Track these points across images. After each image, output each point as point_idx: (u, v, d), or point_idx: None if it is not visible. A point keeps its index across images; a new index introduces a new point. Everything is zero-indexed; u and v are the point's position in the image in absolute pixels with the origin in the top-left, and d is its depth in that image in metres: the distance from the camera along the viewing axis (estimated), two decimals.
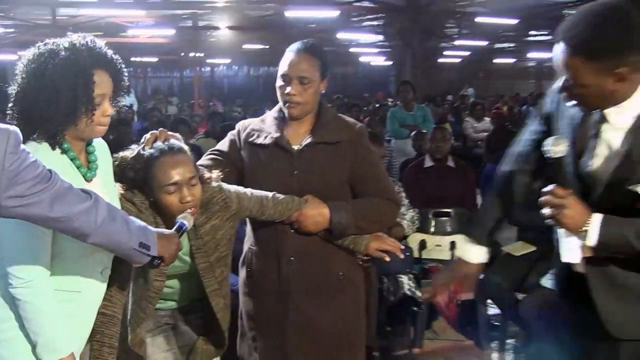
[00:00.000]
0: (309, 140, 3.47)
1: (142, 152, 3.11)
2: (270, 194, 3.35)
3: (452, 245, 6.25)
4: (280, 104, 3.50)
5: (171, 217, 3.04)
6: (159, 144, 3.11)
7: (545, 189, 2.62)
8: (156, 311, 3.33)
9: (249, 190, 3.38)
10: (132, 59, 31.30)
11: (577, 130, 2.71)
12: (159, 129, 3.24)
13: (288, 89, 3.39)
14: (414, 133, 9.75)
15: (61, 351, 2.70)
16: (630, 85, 2.50)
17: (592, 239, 2.55)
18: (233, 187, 3.34)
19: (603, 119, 2.61)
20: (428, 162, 7.29)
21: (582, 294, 2.72)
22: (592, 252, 2.61)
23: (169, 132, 3.25)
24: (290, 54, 3.46)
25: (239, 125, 3.69)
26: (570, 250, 2.71)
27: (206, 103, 24.38)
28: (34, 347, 2.69)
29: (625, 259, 2.60)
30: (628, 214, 2.53)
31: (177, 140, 3.19)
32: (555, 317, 3.63)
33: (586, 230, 2.55)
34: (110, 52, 2.81)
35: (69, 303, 2.78)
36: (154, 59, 33.08)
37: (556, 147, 2.59)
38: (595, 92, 2.52)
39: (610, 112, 2.57)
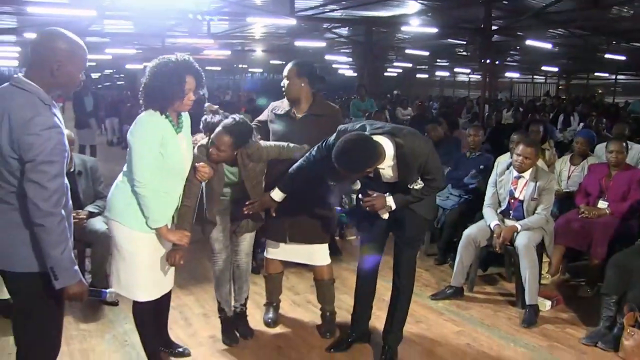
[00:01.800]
0: (305, 113, 3.52)
1: (209, 120, 3.22)
2: (285, 143, 3.40)
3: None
4: None
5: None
6: (218, 118, 3.20)
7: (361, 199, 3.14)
8: (220, 199, 3.36)
9: (273, 143, 3.43)
10: (206, 67, 31.24)
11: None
12: (212, 107, 3.29)
13: (282, 82, 3.56)
14: (367, 114, 9.79)
15: (160, 223, 2.85)
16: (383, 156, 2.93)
17: (393, 207, 3.07)
18: (265, 144, 3.37)
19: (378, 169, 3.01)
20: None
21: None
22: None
23: (214, 108, 3.30)
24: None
25: (270, 105, 3.74)
26: (383, 215, 3.15)
27: (247, 94, 24.55)
28: (146, 220, 2.83)
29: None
30: (408, 191, 3.04)
31: (222, 117, 3.22)
32: None
33: (390, 206, 3.05)
34: (196, 65, 2.87)
35: (164, 197, 2.88)
36: (218, 68, 32.93)
37: (355, 186, 3.12)
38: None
39: (381, 166, 2.96)
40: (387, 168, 3.00)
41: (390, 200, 3.06)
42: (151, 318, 3.06)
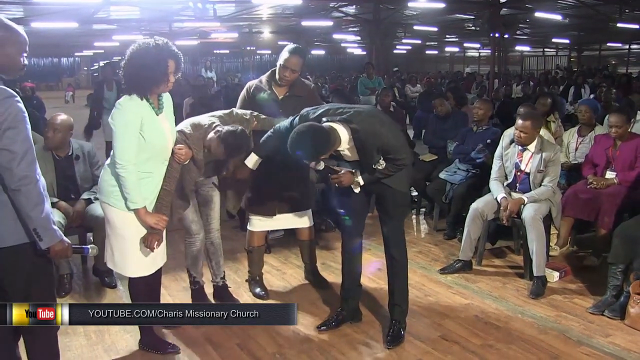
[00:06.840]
0: (288, 94, 3.80)
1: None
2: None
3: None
4: (277, 75, 3.74)
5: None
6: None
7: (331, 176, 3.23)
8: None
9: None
10: (215, 51, 31.13)
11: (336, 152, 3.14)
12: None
13: (285, 73, 3.69)
14: (375, 92, 9.73)
15: (138, 204, 2.91)
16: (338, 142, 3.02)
17: (361, 182, 3.18)
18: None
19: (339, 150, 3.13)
20: (378, 108, 7.21)
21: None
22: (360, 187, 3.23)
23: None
24: (286, 52, 3.70)
25: (247, 85, 3.91)
26: (356, 189, 3.23)
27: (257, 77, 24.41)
28: (125, 200, 2.91)
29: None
30: (373, 170, 3.12)
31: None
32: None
33: (357, 182, 3.16)
34: (176, 48, 2.90)
35: (147, 179, 2.97)
36: (226, 51, 32.85)
37: (318, 166, 3.13)
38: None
39: (340, 148, 3.08)
40: (346, 150, 3.11)
41: (358, 176, 3.18)
42: (145, 294, 3.15)
